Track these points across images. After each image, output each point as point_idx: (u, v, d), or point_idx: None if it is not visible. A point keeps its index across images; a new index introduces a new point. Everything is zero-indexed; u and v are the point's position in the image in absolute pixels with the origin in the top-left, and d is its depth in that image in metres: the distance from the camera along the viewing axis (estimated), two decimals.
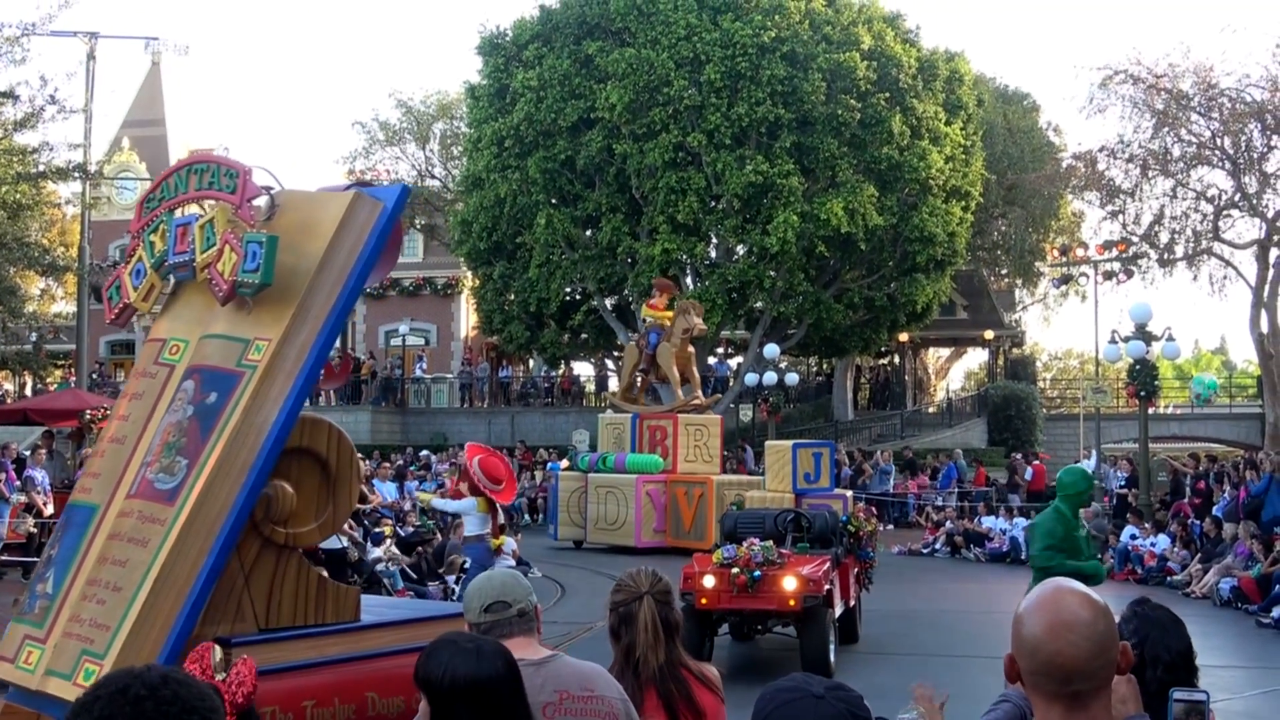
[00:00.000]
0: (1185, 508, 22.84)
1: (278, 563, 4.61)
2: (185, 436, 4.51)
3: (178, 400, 4.62)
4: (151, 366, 4.86)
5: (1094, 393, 30.50)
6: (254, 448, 4.42)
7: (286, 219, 4.81)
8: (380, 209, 4.83)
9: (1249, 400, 46.43)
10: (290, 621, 4.61)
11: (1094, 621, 2.46)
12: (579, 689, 3.64)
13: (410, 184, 43.93)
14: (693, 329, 25.57)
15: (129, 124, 53.36)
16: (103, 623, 4.27)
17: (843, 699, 2.63)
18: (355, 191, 4.88)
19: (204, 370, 4.64)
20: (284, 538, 4.60)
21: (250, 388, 4.48)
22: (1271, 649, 14.64)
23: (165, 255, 4.95)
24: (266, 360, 4.52)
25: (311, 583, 4.69)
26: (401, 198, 4.90)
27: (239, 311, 4.66)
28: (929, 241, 34.62)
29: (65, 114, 26.76)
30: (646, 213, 34.44)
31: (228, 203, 4.70)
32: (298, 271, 4.66)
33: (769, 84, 33.03)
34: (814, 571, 11.84)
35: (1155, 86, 34.59)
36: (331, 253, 4.69)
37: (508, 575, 3.83)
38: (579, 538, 25.17)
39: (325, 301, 4.65)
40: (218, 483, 4.36)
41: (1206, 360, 79.78)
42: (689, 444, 25.24)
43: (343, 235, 4.72)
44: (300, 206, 4.89)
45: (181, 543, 4.29)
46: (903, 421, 41.78)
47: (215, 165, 4.86)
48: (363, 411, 42.68)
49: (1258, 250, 35.45)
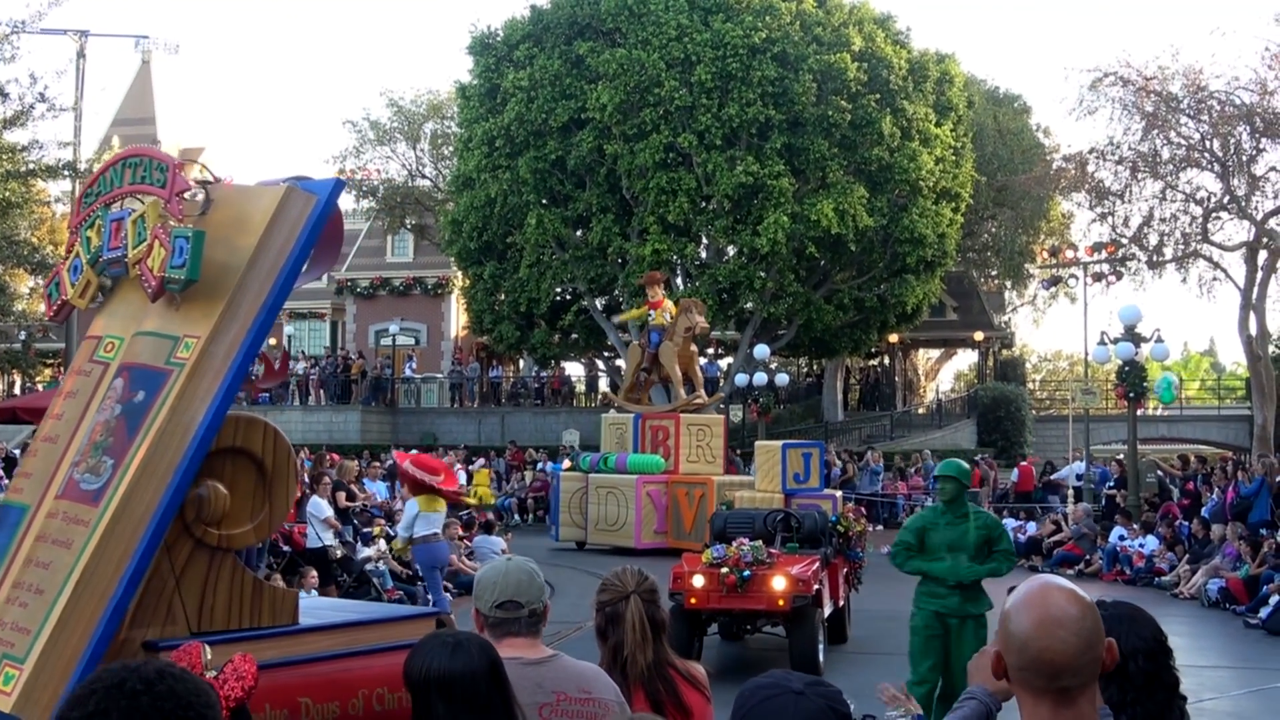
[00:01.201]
0: (1174, 509, 22.91)
1: (210, 564, 4.48)
2: (112, 436, 4.41)
3: (107, 399, 4.52)
4: (87, 364, 4.76)
5: (1083, 394, 30.55)
6: (180, 447, 4.32)
7: (220, 214, 4.70)
8: (314, 202, 4.66)
9: (1237, 402, 46.55)
10: (224, 625, 4.49)
11: (1082, 617, 2.46)
12: (577, 691, 3.64)
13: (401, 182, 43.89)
14: (695, 327, 25.20)
15: (119, 122, 53.25)
16: (24, 626, 4.17)
17: (822, 694, 2.64)
18: (288, 185, 4.72)
19: (133, 368, 4.54)
20: (217, 539, 4.47)
21: (177, 386, 4.38)
22: (1259, 649, 14.69)
23: (101, 251, 4.86)
24: (194, 358, 4.42)
25: (247, 585, 4.58)
26: (335, 191, 4.70)
27: (169, 308, 4.57)
28: (919, 243, 34.68)
29: (55, 112, 26.71)
30: (637, 213, 34.45)
31: (159, 197, 4.64)
32: (229, 267, 4.55)
33: (760, 85, 33.06)
34: (803, 572, 11.85)
35: (1145, 89, 34.65)
36: (262, 248, 4.58)
37: (524, 574, 3.77)
38: (580, 539, 24.95)
39: (256, 298, 4.54)
40: (143, 483, 4.26)
41: (1196, 362, 79.96)
42: (691, 444, 24.94)
43: (274, 230, 4.61)
44: (234, 201, 4.78)
45: (105, 544, 4.19)
46: (892, 422, 41.85)
47: (148, 159, 4.78)
48: (352, 411, 42.64)
49: (1246, 253, 35.54)
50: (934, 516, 9.11)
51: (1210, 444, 41.63)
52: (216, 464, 4.49)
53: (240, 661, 3.89)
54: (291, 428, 41.31)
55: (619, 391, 28.78)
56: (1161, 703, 3.41)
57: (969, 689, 2.91)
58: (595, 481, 24.78)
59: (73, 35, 29.77)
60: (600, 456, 25.40)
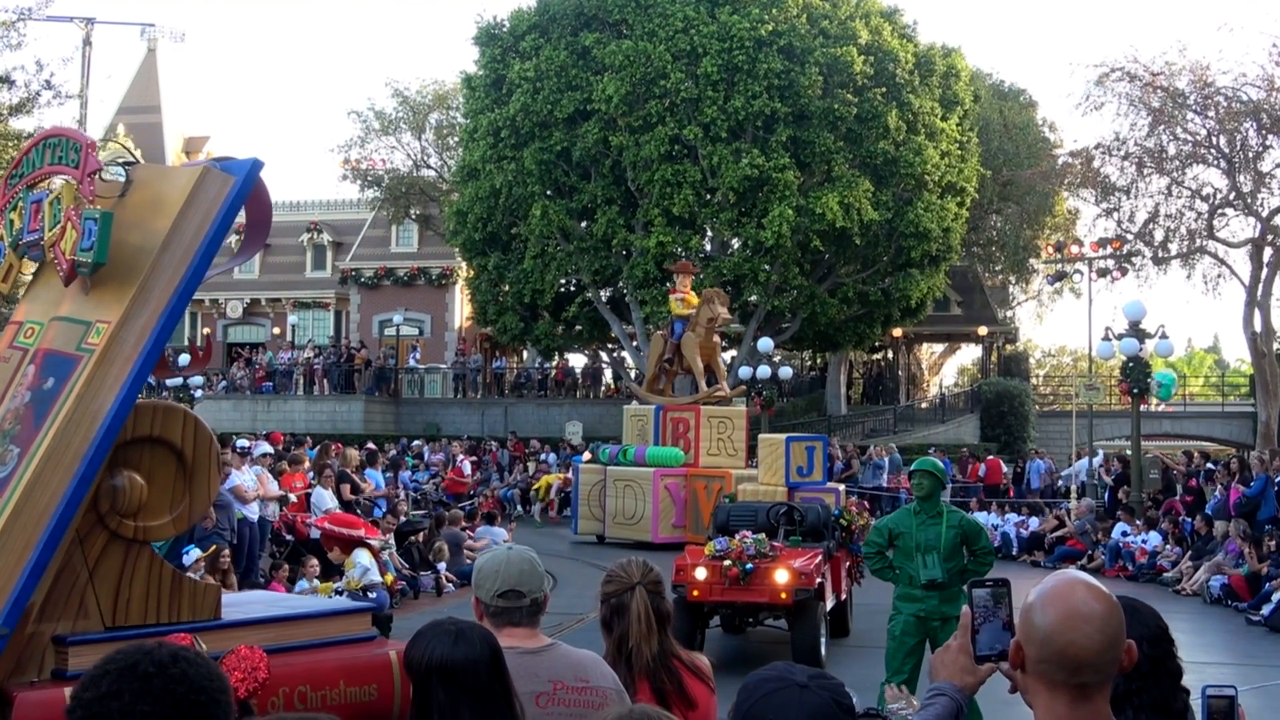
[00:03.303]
0: (1177, 505, 22.88)
1: (126, 557, 4.32)
2: (20, 424, 4.27)
3: (20, 386, 4.39)
4: (7, 350, 4.63)
5: (1087, 390, 30.52)
6: (88, 435, 4.16)
7: (138, 195, 4.57)
8: (231, 184, 4.48)
9: (1241, 399, 46.50)
10: (140, 620, 4.33)
11: (1108, 615, 2.47)
12: (574, 679, 3.64)
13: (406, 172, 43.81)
14: (718, 318, 24.81)
15: (124, 110, 53.25)
16: None
17: (826, 687, 2.63)
18: (204, 166, 4.55)
19: (47, 354, 4.41)
20: (133, 531, 4.31)
21: (86, 373, 4.22)
22: (1261, 646, 14.69)
23: (21, 234, 4.73)
24: (104, 344, 4.26)
25: (165, 578, 4.41)
26: (254, 171, 4.52)
27: (83, 293, 4.43)
28: (924, 237, 34.65)
29: (60, 99, 26.76)
30: (642, 205, 34.43)
31: (72, 177, 4.58)
32: (143, 250, 4.39)
33: (766, 78, 33.02)
34: (806, 565, 11.86)
35: (1151, 84, 34.58)
36: (176, 231, 4.41)
37: (525, 563, 3.75)
38: (599, 532, 24.64)
39: (169, 282, 4.37)
40: (48, 472, 4.11)
41: (1200, 359, 79.87)
42: (712, 436, 24.57)
43: (189, 212, 4.44)
44: (151, 182, 4.64)
45: (7, 536, 4.05)
46: (896, 417, 41.80)
47: (65, 139, 4.69)
48: (356, 401, 42.68)
49: (1252, 249, 35.46)
50: (906, 517, 9.03)
51: (1214, 440, 41.61)
52: (134, 454, 4.35)
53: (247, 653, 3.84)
54: (295, 417, 41.38)
55: (642, 383, 28.44)
56: (1166, 691, 3.42)
57: (936, 684, 2.90)
58: (613, 474, 24.46)
59: (78, 23, 29.84)
60: (620, 449, 25.07)
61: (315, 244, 51.71)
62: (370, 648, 4.72)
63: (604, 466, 24.98)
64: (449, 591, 17.68)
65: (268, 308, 51.86)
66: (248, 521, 15.85)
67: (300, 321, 50.42)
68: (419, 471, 32.31)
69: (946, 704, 2.84)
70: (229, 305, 51.75)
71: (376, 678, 4.31)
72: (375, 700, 4.29)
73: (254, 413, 42.29)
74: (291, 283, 51.75)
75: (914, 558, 8.78)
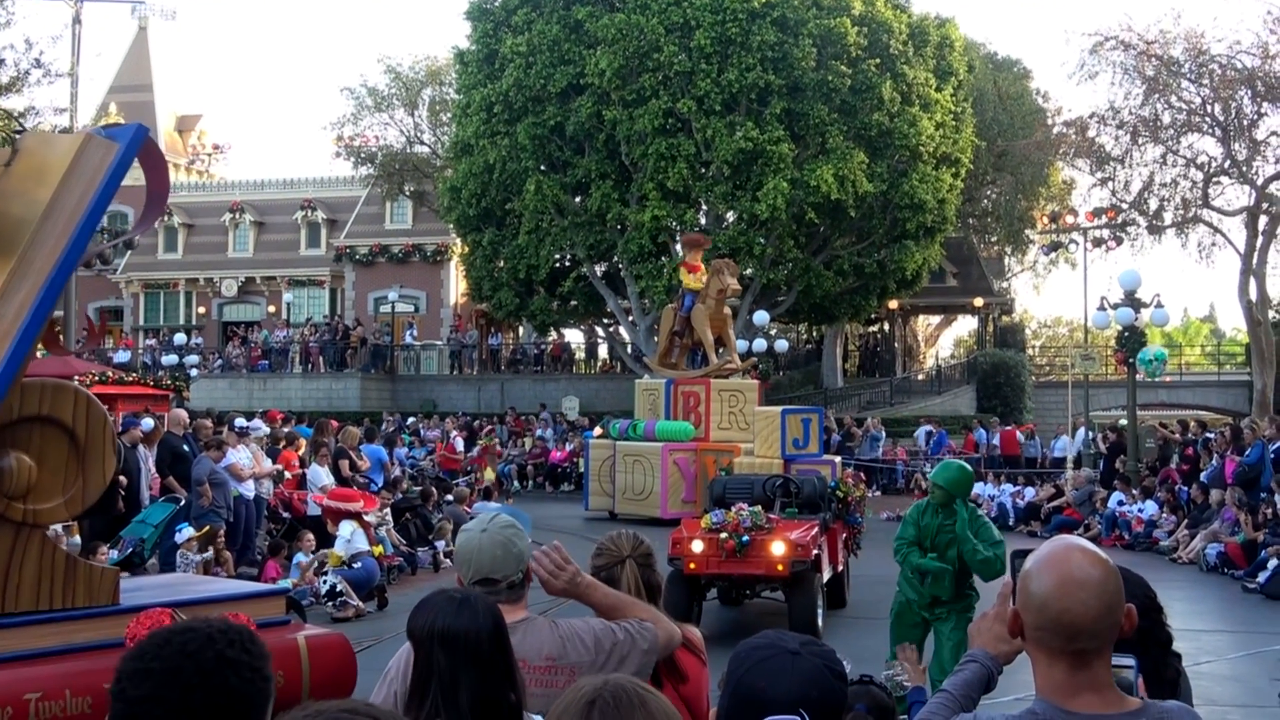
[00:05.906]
0: (1173, 474, 22.92)
1: (16, 541, 4.18)
2: None
3: None
4: None
5: (1083, 360, 30.51)
6: None
7: (22, 165, 4.41)
8: (114, 151, 4.33)
9: (1238, 368, 46.53)
10: (32, 605, 4.20)
11: (1104, 580, 2.45)
12: (540, 659, 3.56)
13: (399, 149, 43.47)
14: (727, 289, 24.30)
15: (116, 89, 53.06)
16: None
17: (818, 654, 2.63)
18: (86, 133, 4.42)
19: None
20: (22, 514, 4.17)
21: None
22: (1257, 613, 14.73)
23: None
24: None
25: (59, 563, 4.27)
26: (137, 137, 4.38)
27: None
28: (919, 208, 34.59)
29: (51, 78, 26.64)
30: (636, 179, 34.34)
31: None
32: (24, 222, 4.23)
33: (759, 50, 32.88)
34: (802, 537, 11.86)
35: (1146, 53, 34.47)
36: (58, 200, 4.25)
37: (498, 547, 3.65)
38: (609, 508, 24.33)
39: (51, 253, 4.19)
40: None
41: (1195, 328, 79.92)
42: (722, 410, 24.05)
43: (71, 181, 4.27)
44: (35, 151, 4.47)
45: None
46: (892, 388, 41.84)
47: None
48: (352, 378, 42.70)
49: (1247, 217, 35.44)
50: (929, 515, 8.81)
51: (1210, 409, 41.64)
52: (21, 434, 4.20)
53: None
54: (291, 395, 41.36)
55: (654, 356, 28.16)
56: (1155, 659, 3.41)
57: (970, 652, 2.90)
58: (622, 449, 24.15)
59: (68, 1, 29.60)
60: (630, 423, 24.77)
61: (309, 222, 51.58)
62: (281, 633, 4.63)
63: (614, 441, 24.70)
64: (446, 567, 17.68)
65: (262, 286, 51.77)
66: (244, 499, 15.84)
67: (295, 300, 50.34)
68: (415, 449, 32.33)
69: (978, 670, 2.84)
70: (224, 284, 51.67)
71: (282, 664, 4.12)
72: (281, 687, 4.29)
73: (250, 391, 42.27)
74: (286, 261, 51.65)
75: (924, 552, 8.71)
